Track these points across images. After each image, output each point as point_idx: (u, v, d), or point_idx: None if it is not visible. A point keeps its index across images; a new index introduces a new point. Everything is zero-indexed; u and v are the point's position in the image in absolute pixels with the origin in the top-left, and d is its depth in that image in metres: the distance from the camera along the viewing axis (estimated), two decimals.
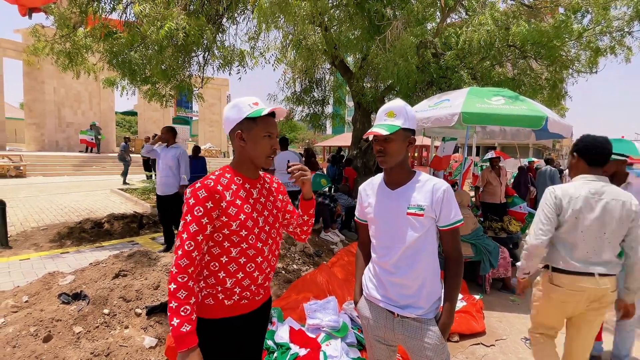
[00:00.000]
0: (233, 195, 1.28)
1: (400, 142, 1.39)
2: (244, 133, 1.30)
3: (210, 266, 1.29)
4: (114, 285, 2.82)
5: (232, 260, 1.29)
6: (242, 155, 1.34)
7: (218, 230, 1.26)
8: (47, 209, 7.81)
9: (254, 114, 1.28)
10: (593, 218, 1.88)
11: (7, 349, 2.12)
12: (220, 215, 1.24)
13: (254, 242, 1.31)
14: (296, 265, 3.93)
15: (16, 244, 5.15)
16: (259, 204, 1.37)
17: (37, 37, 5.35)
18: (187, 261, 1.18)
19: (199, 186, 1.24)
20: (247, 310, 1.35)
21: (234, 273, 1.29)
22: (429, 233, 1.41)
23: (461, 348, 2.91)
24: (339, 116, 9.65)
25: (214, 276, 1.29)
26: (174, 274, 1.17)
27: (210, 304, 1.29)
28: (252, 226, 1.31)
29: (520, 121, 3.98)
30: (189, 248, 1.19)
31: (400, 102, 1.43)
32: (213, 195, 1.23)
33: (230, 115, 1.31)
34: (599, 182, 1.93)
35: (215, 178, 1.28)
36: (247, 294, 1.34)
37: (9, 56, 17.03)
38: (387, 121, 1.40)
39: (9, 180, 12.55)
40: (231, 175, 1.33)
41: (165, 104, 6.39)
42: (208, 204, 1.21)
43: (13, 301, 2.76)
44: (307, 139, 37.09)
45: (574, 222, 1.91)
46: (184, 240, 1.19)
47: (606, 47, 5.98)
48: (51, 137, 18.24)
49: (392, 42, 4.70)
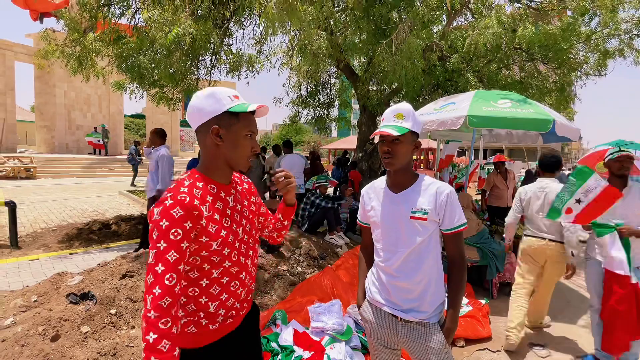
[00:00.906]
0: (210, 209, 1.07)
1: (408, 144, 1.39)
2: (221, 129, 1.08)
3: (189, 292, 1.08)
4: (120, 286, 2.86)
5: (213, 282, 1.10)
6: (215, 157, 1.12)
7: (195, 253, 1.04)
8: (56, 210, 7.92)
9: (237, 109, 1.08)
10: (539, 204, 2.98)
11: (16, 347, 2.16)
12: (199, 235, 1.02)
13: (236, 259, 1.14)
14: (301, 268, 3.93)
15: (26, 245, 5.24)
16: (236, 213, 1.18)
17: (47, 41, 5.45)
18: (170, 299, 0.94)
19: (170, 203, 0.98)
20: (232, 328, 1.19)
21: (217, 295, 1.11)
22: (432, 237, 1.40)
23: (467, 353, 2.88)
24: (344, 119, 9.68)
25: (193, 302, 1.09)
26: (153, 320, 0.91)
27: (193, 332, 1.10)
28: (233, 241, 1.13)
29: (527, 124, 3.95)
30: (170, 283, 0.94)
31: (408, 105, 1.43)
32: (191, 212, 0.99)
33: (204, 106, 1.08)
34: (545, 181, 3.03)
35: (188, 190, 1.03)
36: (232, 313, 1.17)
37: (21, 60, 17.40)
38: (396, 122, 1.38)
39: (19, 181, 12.78)
40: (203, 183, 1.10)
41: (173, 107, 6.47)
42: (187, 223, 0.98)
43: (22, 301, 2.81)
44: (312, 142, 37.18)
45: (528, 206, 3.07)
46: (162, 275, 0.94)
47: (614, 50, 5.92)
48: (61, 139, 18.54)
49: (398, 45, 4.71)
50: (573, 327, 3.37)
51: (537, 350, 2.94)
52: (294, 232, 4.76)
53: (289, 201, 1.38)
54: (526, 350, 2.96)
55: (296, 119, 8.73)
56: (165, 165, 4.47)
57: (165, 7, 4.19)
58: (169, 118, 22.68)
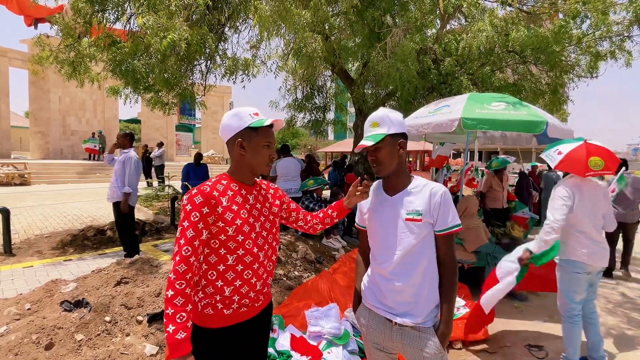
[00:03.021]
0: (229, 201, 1.30)
1: (389, 148, 1.40)
2: (244, 142, 1.33)
3: (208, 275, 1.29)
4: (115, 293, 2.83)
5: (229, 268, 1.29)
6: (240, 163, 1.37)
7: (215, 236, 1.27)
8: (50, 216, 7.85)
9: (256, 124, 1.31)
10: None
11: (10, 356, 2.13)
12: (216, 220, 1.25)
13: (250, 248, 1.32)
14: (297, 272, 3.92)
15: (20, 252, 5.18)
16: (255, 210, 1.39)
17: (41, 47, 5.44)
18: (185, 267, 1.18)
19: (195, 192, 1.25)
20: (246, 317, 1.35)
21: (231, 281, 1.30)
22: (427, 239, 1.40)
23: (464, 355, 2.88)
24: (340, 122, 9.71)
25: (211, 285, 1.29)
26: (172, 280, 1.18)
27: (210, 314, 1.30)
28: (249, 231, 1.32)
29: (520, 126, 3.98)
30: (186, 253, 1.19)
31: (381, 111, 1.45)
32: (209, 200, 1.24)
33: (231, 124, 1.33)
34: None
35: (212, 184, 1.30)
36: (246, 302, 1.34)
37: (15, 66, 17.31)
38: (372, 132, 1.42)
39: (13, 188, 12.66)
40: (227, 182, 1.35)
41: (168, 111, 6.46)
42: (204, 209, 1.22)
43: (16, 309, 2.77)
44: (309, 146, 37.22)
45: None
46: (182, 246, 1.20)
47: (606, 52, 6.00)
48: (56, 145, 18.43)
49: (392, 49, 4.74)
50: None
51: (534, 352, 2.95)
52: (290, 236, 4.75)
53: (350, 205, 1.57)
54: (523, 352, 2.96)
55: (292, 122, 8.75)
56: (133, 167, 4.40)
57: (160, 13, 4.19)
58: (164, 123, 22.61)
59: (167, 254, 5.17)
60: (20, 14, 6.61)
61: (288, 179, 6.11)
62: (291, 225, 1.64)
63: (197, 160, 7.53)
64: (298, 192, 6.02)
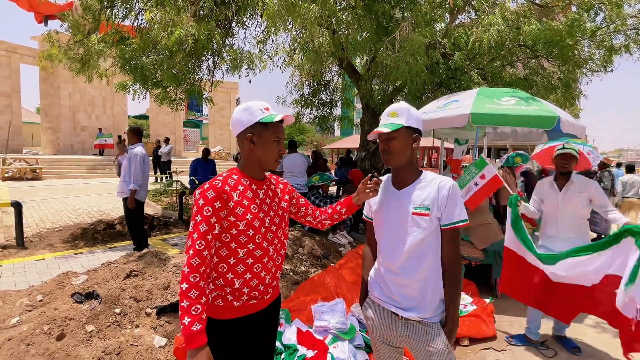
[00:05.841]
0: (240, 196, 1.31)
1: (404, 140, 1.40)
2: (254, 136, 1.33)
3: (219, 268, 1.32)
4: (125, 285, 2.87)
5: (239, 261, 1.32)
6: (250, 158, 1.37)
7: (226, 230, 1.29)
8: (61, 210, 7.99)
9: (266, 119, 1.32)
10: None
11: (22, 346, 2.18)
12: (228, 215, 1.27)
13: (260, 242, 1.33)
14: (304, 267, 3.93)
15: (32, 245, 5.29)
16: (265, 205, 1.40)
17: (51, 43, 5.49)
18: (199, 260, 1.20)
19: (207, 187, 1.27)
20: (256, 309, 1.38)
21: (241, 274, 1.32)
22: (434, 234, 1.38)
23: (471, 352, 2.86)
24: (347, 118, 9.65)
25: (222, 278, 1.32)
26: (185, 274, 1.20)
27: (220, 305, 1.32)
28: (259, 226, 1.33)
29: (531, 122, 3.91)
30: (199, 247, 1.21)
31: (403, 103, 1.44)
32: (221, 195, 1.26)
33: (242, 118, 1.34)
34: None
35: (223, 179, 1.31)
36: (255, 294, 1.36)
37: (26, 62, 17.58)
38: (390, 120, 1.41)
39: (25, 182, 12.91)
40: (238, 176, 1.36)
41: (176, 107, 6.48)
42: (216, 203, 1.24)
43: (28, 300, 2.83)
44: (315, 141, 37.14)
45: None
46: (195, 240, 1.21)
47: (620, 46, 5.85)
48: (66, 140, 18.70)
49: (401, 43, 4.68)
50: (578, 325, 3.33)
51: (542, 350, 2.92)
52: (297, 231, 4.76)
53: (359, 202, 1.56)
54: (531, 350, 2.93)
55: (299, 118, 8.73)
56: (138, 163, 4.35)
57: (168, 8, 4.19)
58: (172, 118, 22.78)
59: (175, 247, 5.23)
60: (30, 11, 6.68)
61: (294, 175, 6.11)
62: (300, 220, 1.65)
63: (205, 155, 7.57)
64: (304, 188, 6.02)
